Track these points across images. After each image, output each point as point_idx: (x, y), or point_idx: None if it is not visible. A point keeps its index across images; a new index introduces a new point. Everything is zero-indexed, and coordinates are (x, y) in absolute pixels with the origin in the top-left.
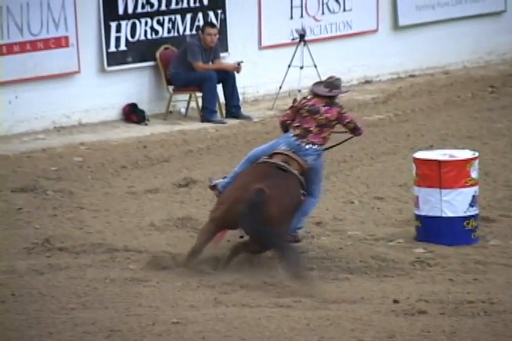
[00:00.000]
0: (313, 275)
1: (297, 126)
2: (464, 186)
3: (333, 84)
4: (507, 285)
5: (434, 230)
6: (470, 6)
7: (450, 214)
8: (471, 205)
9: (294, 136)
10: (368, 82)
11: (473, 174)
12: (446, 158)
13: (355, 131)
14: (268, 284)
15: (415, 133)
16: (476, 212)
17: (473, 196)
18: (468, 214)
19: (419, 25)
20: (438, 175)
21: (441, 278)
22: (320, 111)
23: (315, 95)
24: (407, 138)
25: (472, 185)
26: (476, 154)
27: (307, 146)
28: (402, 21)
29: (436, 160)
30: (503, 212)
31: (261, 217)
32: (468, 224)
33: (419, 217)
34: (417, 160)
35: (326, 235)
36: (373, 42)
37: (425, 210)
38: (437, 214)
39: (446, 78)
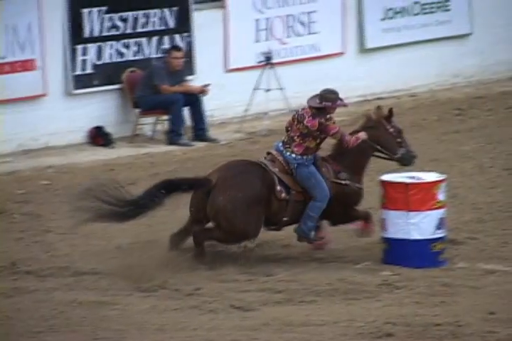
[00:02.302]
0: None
1: (288, 134)
2: (431, 209)
3: (323, 96)
4: (474, 307)
5: (402, 253)
6: (436, 29)
7: (417, 237)
8: (438, 228)
9: (281, 141)
10: None
11: (441, 196)
12: (413, 180)
13: (342, 142)
14: (234, 307)
15: None
16: (443, 234)
17: (441, 218)
18: (436, 236)
19: (386, 47)
20: (405, 198)
21: (409, 300)
22: (304, 120)
23: (309, 107)
24: (373, 160)
25: (439, 208)
26: (443, 177)
27: (287, 153)
28: (369, 44)
29: (403, 182)
30: (470, 234)
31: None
32: (435, 246)
33: (386, 240)
34: (384, 183)
35: (294, 257)
36: (340, 65)
37: (392, 233)
38: (404, 236)
39: (413, 101)
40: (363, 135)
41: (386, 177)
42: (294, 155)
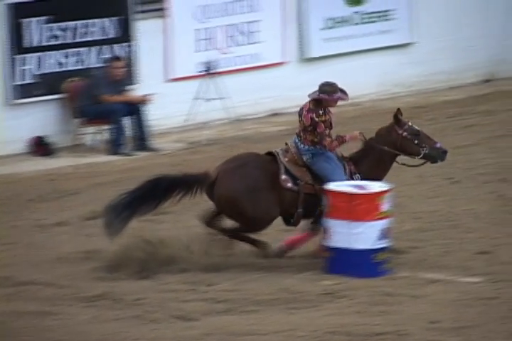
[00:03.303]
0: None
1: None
2: (374, 219)
3: (321, 89)
4: (416, 316)
5: (344, 262)
6: (378, 38)
7: (359, 247)
8: (381, 238)
9: (296, 133)
10: (275, 114)
11: (384, 207)
12: (357, 190)
13: (320, 144)
14: (176, 317)
15: None
16: (386, 244)
17: (384, 229)
18: (378, 246)
19: (327, 57)
20: (349, 208)
21: (350, 310)
22: (301, 115)
23: (309, 100)
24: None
25: (382, 218)
26: (387, 187)
27: (301, 145)
28: (310, 53)
29: (347, 192)
30: (411, 243)
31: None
32: (377, 256)
33: (329, 249)
34: (328, 192)
35: (235, 267)
36: (281, 75)
37: (335, 242)
38: (347, 246)
39: (354, 110)
40: (349, 137)
41: (330, 186)
42: (307, 147)
